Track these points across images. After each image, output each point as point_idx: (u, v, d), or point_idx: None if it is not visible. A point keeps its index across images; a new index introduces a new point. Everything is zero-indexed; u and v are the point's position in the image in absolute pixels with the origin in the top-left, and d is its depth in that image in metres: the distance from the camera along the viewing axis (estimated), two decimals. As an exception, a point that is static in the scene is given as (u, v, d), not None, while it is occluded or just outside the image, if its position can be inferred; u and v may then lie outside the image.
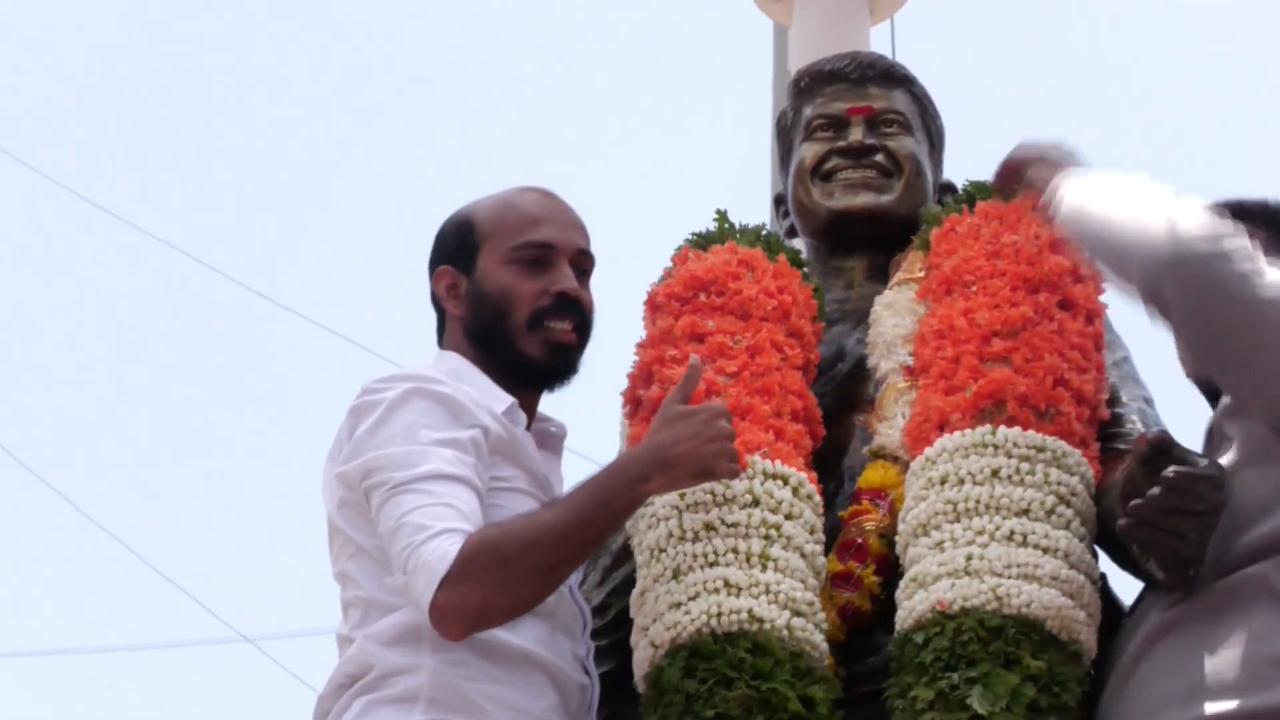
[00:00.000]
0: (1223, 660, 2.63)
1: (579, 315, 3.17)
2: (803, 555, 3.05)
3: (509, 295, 3.14)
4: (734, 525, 3.02)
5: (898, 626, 3.01)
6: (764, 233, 3.50)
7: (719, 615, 2.96)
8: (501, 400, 3.10)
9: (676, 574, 3.02)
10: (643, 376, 3.26)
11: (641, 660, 3.05)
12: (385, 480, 2.94)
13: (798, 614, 2.99)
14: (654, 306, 3.33)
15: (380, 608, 3.00)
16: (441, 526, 2.87)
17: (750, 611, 2.96)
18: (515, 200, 3.23)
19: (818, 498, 3.13)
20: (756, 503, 3.05)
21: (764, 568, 3.00)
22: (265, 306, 11.39)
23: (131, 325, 17.65)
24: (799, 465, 3.13)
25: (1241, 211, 3.01)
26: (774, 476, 3.08)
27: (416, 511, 2.89)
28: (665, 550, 3.04)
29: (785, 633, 2.97)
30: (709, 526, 3.03)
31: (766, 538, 3.03)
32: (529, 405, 3.19)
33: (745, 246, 3.41)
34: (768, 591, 2.98)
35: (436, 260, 3.24)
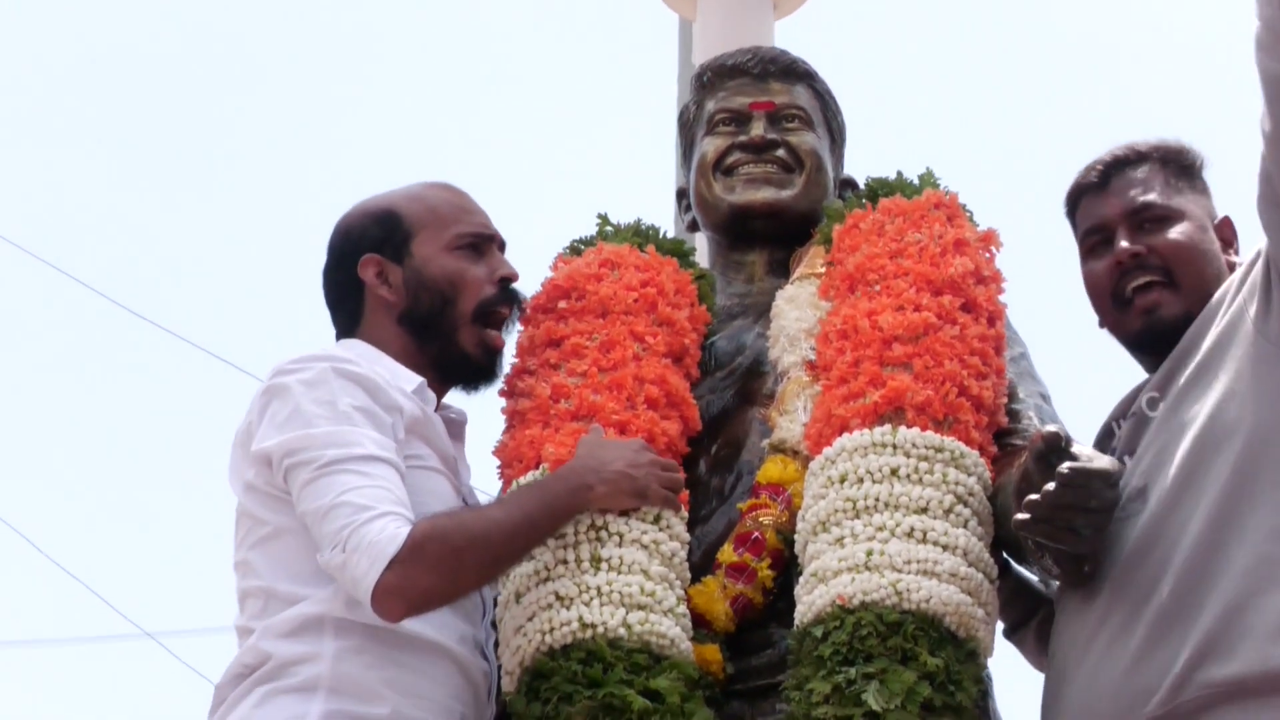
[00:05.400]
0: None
1: (518, 303, 3.25)
2: (643, 546, 3.04)
3: (456, 281, 3.19)
4: (561, 537, 3.04)
5: (797, 620, 3.01)
6: (642, 227, 3.52)
7: (551, 630, 2.98)
8: (410, 380, 3.12)
9: (518, 597, 3.05)
10: (508, 389, 3.28)
11: (505, 688, 3.06)
12: (314, 458, 2.93)
13: (638, 608, 2.99)
14: (523, 320, 3.35)
15: (280, 599, 2.98)
16: (383, 509, 2.88)
17: (580, 619, 2.97)
18: (438, 192, 3.28)
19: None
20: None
21: (595, 570, 3.01)
22: (157, 332, 11.43)
23: (32, 334, 17.52)
24: None
25: (1138, 156, 3.02)
26: None
27: (355, 491, 2.90)
28: (509, 575, 3.06)
29: (623, 630, 2.97)
30: (540, 544, 3.03)
31: (596, 539, 3.03)
32: (437, 392, 3.20)
33: (617, 245, 3.42)
34: (599, 594, 2.99)
35: (355, 250, 3.23)
